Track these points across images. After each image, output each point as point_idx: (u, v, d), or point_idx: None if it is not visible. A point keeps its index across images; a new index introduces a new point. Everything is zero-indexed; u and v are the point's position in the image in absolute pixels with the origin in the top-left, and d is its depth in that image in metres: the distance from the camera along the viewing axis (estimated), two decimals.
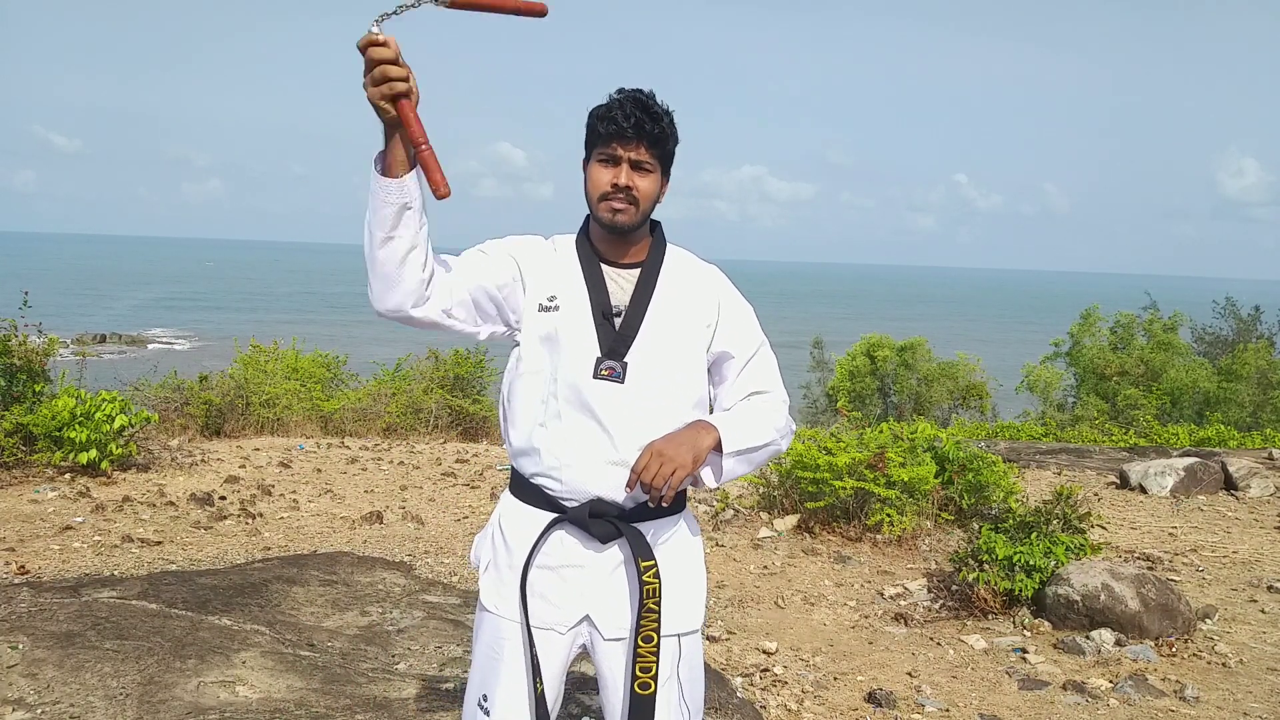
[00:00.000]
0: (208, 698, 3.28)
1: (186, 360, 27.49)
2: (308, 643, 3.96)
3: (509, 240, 1.97)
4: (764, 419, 1.92)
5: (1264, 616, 4.96)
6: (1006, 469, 6.46)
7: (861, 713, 3.73)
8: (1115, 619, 4.49)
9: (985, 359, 24.24)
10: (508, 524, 1.97)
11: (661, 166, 1.90)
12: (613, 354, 1.87)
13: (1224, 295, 27.13)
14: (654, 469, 1.77)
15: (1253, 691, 3.98)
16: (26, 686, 3.25)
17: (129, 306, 63.97)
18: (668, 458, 1.77)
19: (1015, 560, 4.74)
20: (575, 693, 3.46)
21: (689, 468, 1.78)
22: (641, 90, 1.86)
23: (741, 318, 1.99)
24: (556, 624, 1.92)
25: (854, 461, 5.98)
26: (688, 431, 1.83)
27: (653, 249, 1.97)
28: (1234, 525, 6.97)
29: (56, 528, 5.58)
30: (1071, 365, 23.71)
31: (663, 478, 1.76)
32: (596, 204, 1.88)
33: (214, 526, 5.95)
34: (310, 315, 60.77)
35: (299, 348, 12.89)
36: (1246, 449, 11.19)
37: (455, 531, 6.22)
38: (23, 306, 7.75)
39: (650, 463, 1.77)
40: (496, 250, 1.94)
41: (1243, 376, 20.88)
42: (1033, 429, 15.70)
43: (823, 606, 5.02)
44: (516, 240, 1.98)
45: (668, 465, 1.77)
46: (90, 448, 6.72)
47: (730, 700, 3.65)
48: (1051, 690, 3.96)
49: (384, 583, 4.88)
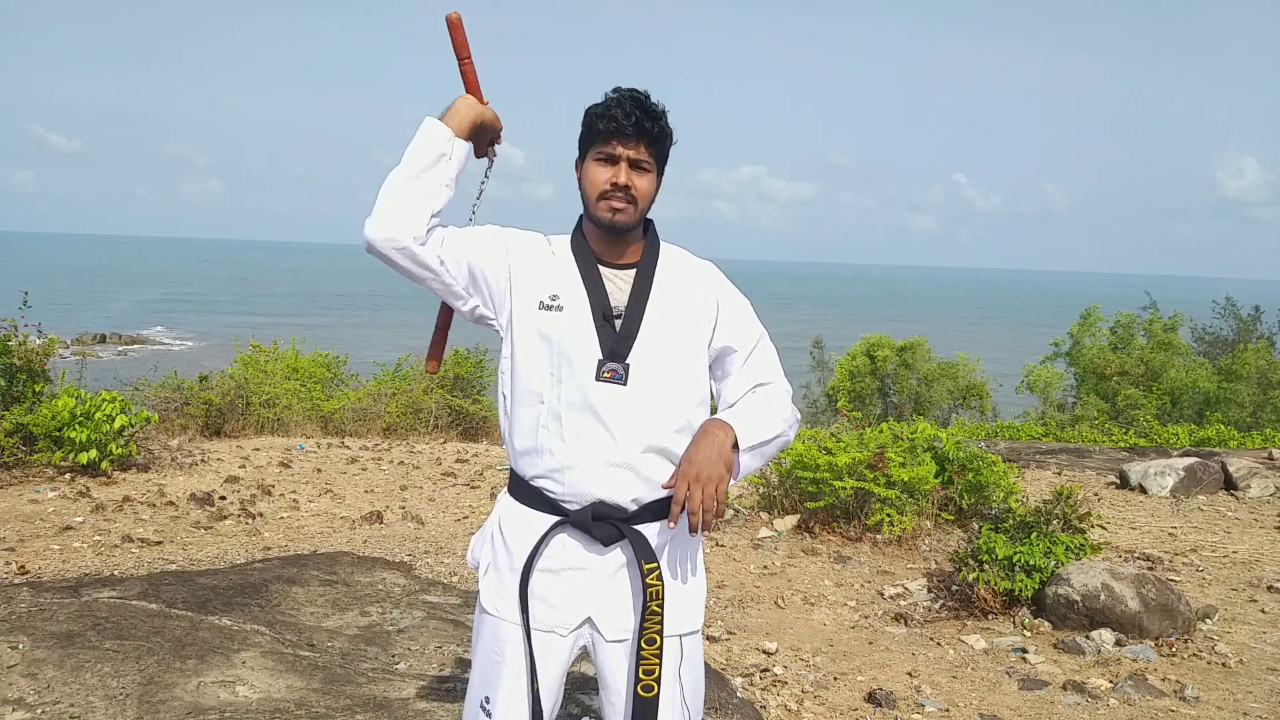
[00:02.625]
0: (208, 698, 3.28)
1: (186, 360, 27.50)
2: (308, 643, 3.96)
3: (508, 231, 1.97)
4: (772, 411, 1.92)
5: (1264, 616, 4.96)
6: (1006, 469, 6.46)
7: (861, 713, 3.73)
8: (1115, 619, 4.49)
9: (985, 359, 24.24)
10: (508, 526, 1.96)
11: (658, 166, 1.91)
12: (614, 356, 1.86)
13: (1224, 295, 27.14)
14: (697, 497, 1.75)
15: (1253, 691, 3.98)
16: (26, 686, 3.25)
17: (128, 306, 63.97)
18: (705, 478, 1.76)
19: (1015, 560, 4.74)
20: (575, 693, 3.46)
21: (726, 477, 1.78)
22: (637, 89, 1.87)
23: (740, 311, 1.99)
24: (558, 626, 1.92)
25: (854, 461, 5.98)
26: (706, 440, 1.82)
27: (647, 248, 1.96)
28: (1234, 525, 6.97)
29: (56, 528, 5.58)
30: (1071, 365, 23.71)
31: (710, 499, 1.75)
32: (595, 203, 1.88)
33: (214, 526, 5.95)
34: (310, 315, 60.80)
35: (299, 348, 12.89)
36: (1246, 449, 11.20)
37: (455, 531, 6.22)
38: (23, 306, 7.75)
39: (692, 492, 1.76)
40: (494, 236, 1.95)
41: (1243, 376, 20.88)
42: (1033, 429, 15.71)
43: (823, 606, 5.02)
44: (513, 232, 1.97)
45: (709, 486, 1.76)
46: (90, 448, 6.72)
47: (730, 700, 3.65)
48: (1051, 690, 3.96)
49: (384, 583, 4.88)
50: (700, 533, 1.78)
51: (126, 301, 68.72)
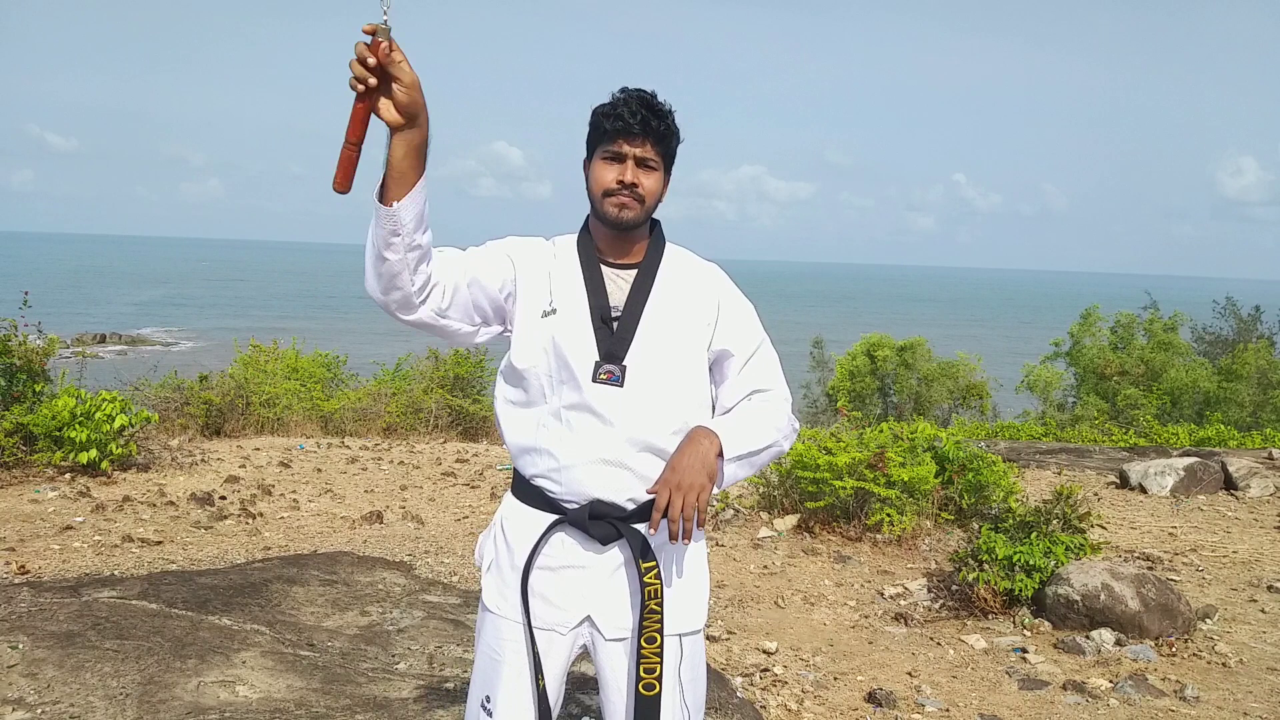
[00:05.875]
0: (208, 698, 3.28)
1: (186, 360, 27.48)
2: (308, 642, 3.96)
3: (509, 241, 1.96)
4: (765, 420, 1.91)
5: (1264, 616, 4.96)
6: (1006, 469, 6.46)
7: (861, 713, 3.73)
8: (1115, 619, 4.49)
9: (985, 359, 24.24)
10: (509, 525, 1.96)
11: (665, 165, 1.90)
12: (611, 357, 1.85)
13: (1224, 295, 27.15)
14: (678, 504, 1.74)
15: (1253, 691, 3.98)
16: (26, 686, 3.25)
17: (128, 306, 63.98)
18: (686, 486, 1.75)
19: (1015, 560, 4.74)
20: (575, 693, 3.46)
21: (708, 486, 1.76)
22: (644, 89, 1.87)
23: (741, 315, 1.98)
24: (558, 625, 1.92)
25: (854, 461, 5.98)
26: (690, 448, 1.80)
27: (650, 248, 1.96)
28: (1234, 525, 6.98)
29: (56, 528, 5.58)
30: (1071, 365, 23.72)
31: (690, 508, 1.74)
32: (601, 200, 1.88)
33: (214, 526, 5.95)
34: (310, 315, 60.79)
35: (299, 348, 12.89)
36: (1246, 449, 11.20)
37: (455, 531, 6.22)
38: (23, 306, 7.75)
39: (672, 500, 1.75)
40: (497, 251, 1.93)
41: (1243, 376, 20.89)
42: (1033, 429, 15.71)
43: (823, 606, 5.02)
44: (516, 242, 1.96)
45: (690, 494, 1.74)
46: (90, 447, 6.72)
47: (730, 700, 3.65)
48: (1051, 690, 3.96)
49: (384, 582, 4.88)
50: (680, 541, 1.77)
51: (126, 301, 68.72)
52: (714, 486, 1.80)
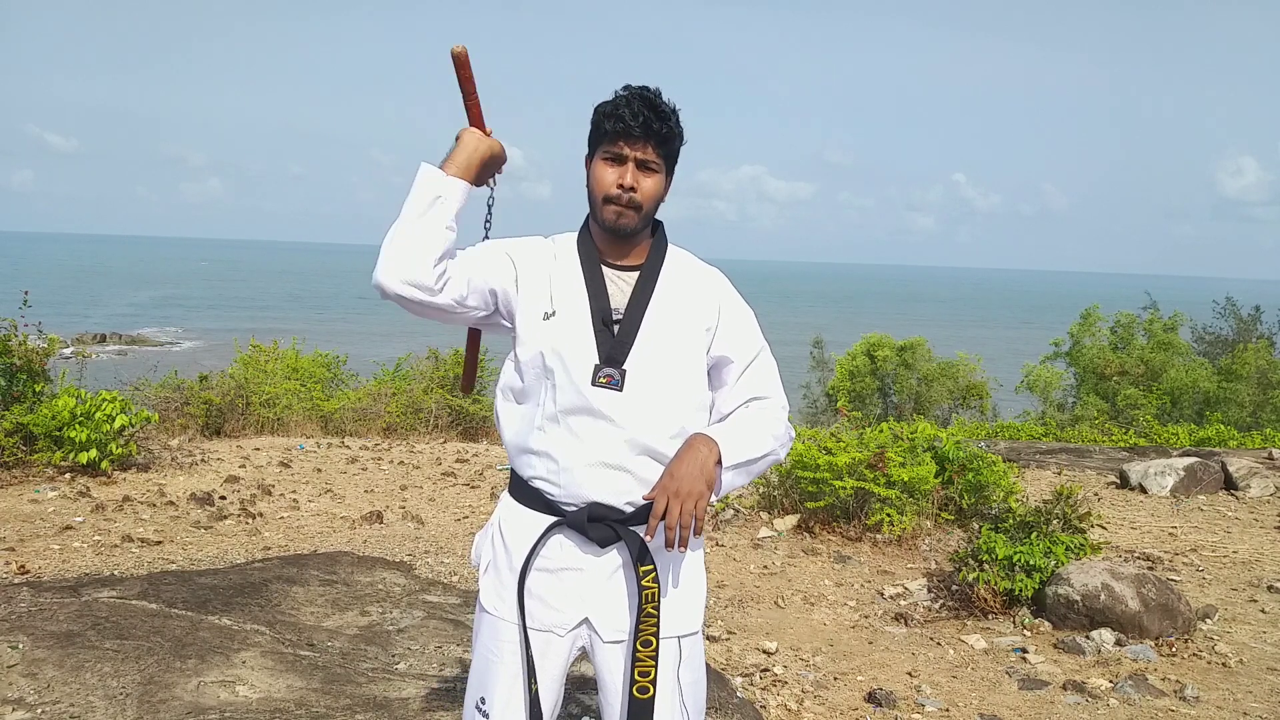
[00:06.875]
0: (208, 698, 3.28)
1: (186, 360, 27.49)
2: (308, 642, 3.96)
3: (508, 242, 1.96)
4: (763, 428, 1.90)
5: (1264, 616, 4.96)
6: (1006, 469, 6.46)
7: (861, 713, 3.73)
8: (1115, 619, 4.49)
9: (985, 359, 24.24)
10: (507, 526, 1.96)
11: (666, 166, 1.89)
12: (611, 361, 1.85)
13: (1224, 295, 27.15)
14: (675, 512, 1.74)
15: (1253, 691, 3.98)
16: (26, 686, 3.25)
17: (128, 306, 63.98)
18: (684, 494, 1.74)
19: (1015, 560, 4.74)
20: (575, 693, 3.46)
21: (706, 494, 1.76)
22: (648, 88, 1.84)
23: (741, 321, 1.97)
24: (556, 626, 1.91)
25: (854, 461, 5.98)
26: (689, 455, 1.79)
27: (653, 251, 1.94)
28: (1234, 525, 6.98)
29: (56, 527, 5.58)
30: (1071, 365, 23.72)
31: (688, 516, 1.74)
32: (600, 205, 1.86)
33: (214, 526, 5.95)
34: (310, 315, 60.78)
35: (299, 348, 12.89)
36: (1246, 449, 11.20)
37: (455, 531, 6.22)
38: (23, 306, 7.75)
39: (670, 507, 1.74)
40: (496, 251, 1.93)
41: (1243, 376, 20.89)
42: (1033, 429, 15.71)
43: (823, 606, 5.02)
44: (516, 242, 1.96)
45: (688, 502, 1.74)
46: (90, 447, 6.72)
47: (730, 700, 3.65)
48: (1051, 690, 3.96)
49: (384, 583, 4.88)
50: (677, 548, 1.76)
51: (126, 301, 68.72)
52: (712, 494, 1.79)
